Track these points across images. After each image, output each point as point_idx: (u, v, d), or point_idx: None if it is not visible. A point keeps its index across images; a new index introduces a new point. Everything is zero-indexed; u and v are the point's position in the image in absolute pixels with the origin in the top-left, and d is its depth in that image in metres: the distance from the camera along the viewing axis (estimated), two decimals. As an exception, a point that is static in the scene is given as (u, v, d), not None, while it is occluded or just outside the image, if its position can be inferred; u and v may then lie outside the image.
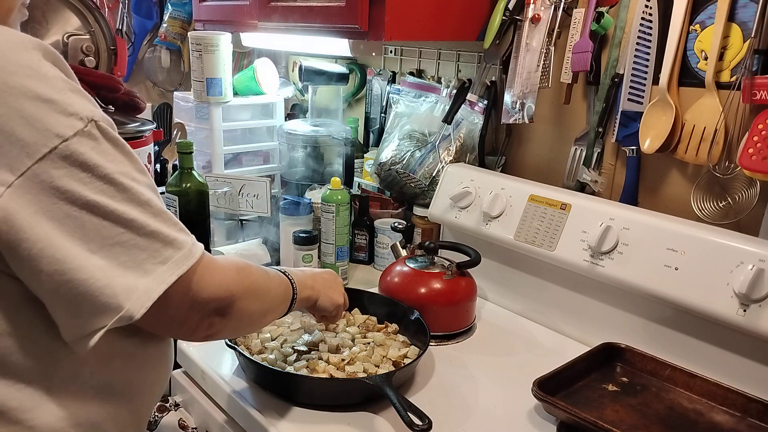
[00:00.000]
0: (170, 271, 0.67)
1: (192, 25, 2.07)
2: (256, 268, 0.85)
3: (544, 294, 1.32)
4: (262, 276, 0.85)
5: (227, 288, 0.75)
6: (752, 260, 0.99)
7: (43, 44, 0.65)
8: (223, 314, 0.75)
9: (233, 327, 0.80)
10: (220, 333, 0.78)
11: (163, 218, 0.69)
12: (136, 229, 0.66)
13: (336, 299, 1.06)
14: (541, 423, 1.00)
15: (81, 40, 1.58)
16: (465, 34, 1.40)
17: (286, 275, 0.95)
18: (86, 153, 0.63)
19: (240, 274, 0.78)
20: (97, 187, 0.64)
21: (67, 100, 0.63)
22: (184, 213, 1.43)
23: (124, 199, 0.65)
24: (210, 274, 0.73)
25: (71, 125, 0.62)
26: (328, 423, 0.98)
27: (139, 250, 0.66)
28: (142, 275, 0.66)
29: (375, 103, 1.85)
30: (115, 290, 0.64)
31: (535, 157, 1.49)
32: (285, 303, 0.93)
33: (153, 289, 0.66)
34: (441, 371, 1.14)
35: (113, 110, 1.37)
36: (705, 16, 1.14)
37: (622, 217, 1.16)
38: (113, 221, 0.65)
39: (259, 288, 0.83)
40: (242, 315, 0.78)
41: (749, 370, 1.03)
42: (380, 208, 1.66)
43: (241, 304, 0.77)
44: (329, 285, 1.06)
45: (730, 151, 1.11)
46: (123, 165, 0.67)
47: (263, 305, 0.85)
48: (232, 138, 1.84)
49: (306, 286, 0.99)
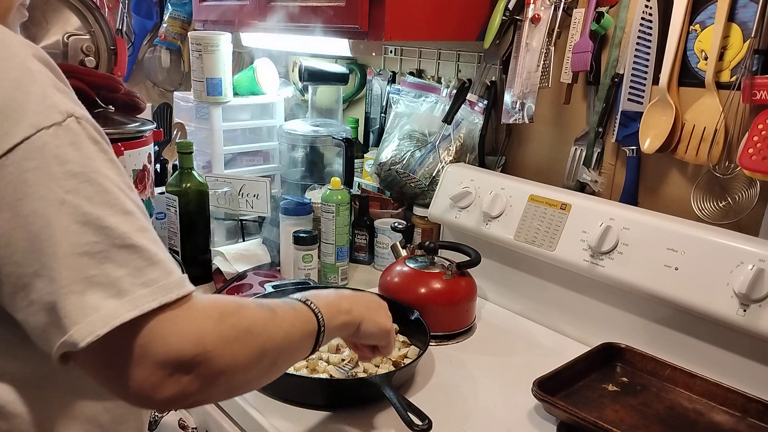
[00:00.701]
0: (151, 297, 0.56)
1: (192, 25, 2.07)
2: (254, 309, 0.67)
3: (544, 294, 1.32)
4: (262, 318, 0.68)
5: (199, 342, 0.58)
6: (752, 260, 0.99)
7: (36, 47, 0.62)
8: (197, 377, 0.58)
9: (223, 390, 0.63)
10: (205, 399, 0.62)
11: (150, 237, 0.59)
12: (113, 240, 0.56)
13: (383, 324, 0.89)
14: (541, 423, 1.00)
15: (81, 40, 1.58)
16: (465, 34, 1.40)
17: (308, 304, 0.77)
18: (62, 147, 0.57)
19: (223, 323, 0.61)
20: (70, 185, 0.56)
21: (47, 93, 0.58)
22: (184, 213, 1.43)
23: (102, 203, 0.57)
24: (177, 323, 0.58)
25: (48, 116, 0.57)
26: (328, 423, 0.98)
27: (115, 264, 0.56)
28: (112, 295, 0.55)
29: (375, 103, 1.85)
30: (67, 308, 0.54)
31: (535, 157, 1.49)
32: (308, 340, 0.75)
33: (115, 315, 0.54)
34: (441, 371, 1.14)
35: (113, 110, 1.37)
36: (705, 16, 1.14)
37: (622, 217, 1.16)
38: (84, 225, 0.56)
39: (256, 336, 0.65)
40: (231, 374, 0.62)
41: (749, 370, 1.03)
42: (380, 208, 1.66)
43: (223, 362, 0.60)
44: (372, 307, 0.89)
45: (730, 151, 1.11)
46: (105, 168, 0.59)
47: (266, 355, 0.67)
48: (232, 138, 1.84)
49: (340, 311, 0.82)
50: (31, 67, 0.59)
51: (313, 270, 1.42)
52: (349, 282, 1.52)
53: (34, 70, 0.59)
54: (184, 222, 1.44)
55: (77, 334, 0.54)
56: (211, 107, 1.73)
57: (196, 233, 1.46)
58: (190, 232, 1.45)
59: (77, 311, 0.54)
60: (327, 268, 1.49)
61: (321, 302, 0.78)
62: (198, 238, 1.46)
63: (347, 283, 1.50)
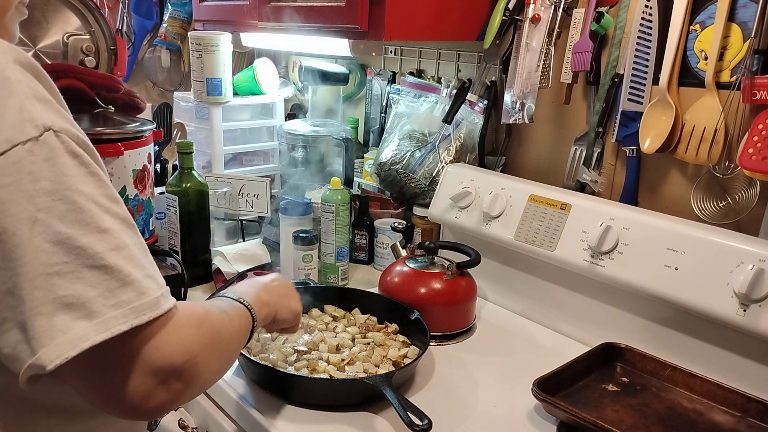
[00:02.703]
0: (123, 319, 0.56)
1: (192, 25, 2.07)
2: (216, 313, 0.72)
3: (544, 294, 1.32)
4: (224, 322, 0.73)
5: (187, 349, 0.61)
6: (752, 260, 0.99)
7: (19, 51, 0.60)
8: (181, 378, 0.61)
9: (196, 391, 0.67)
10: (181, 399, 0.63)
11: (126, 255, 0.58)
12: (84, 260, 0.55)
13: (295, 307, 0.97)
14: (541, 423, 1.00)
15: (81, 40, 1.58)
16: (465, 34, 1.40)
17: (243, 302, 0.82)
18: (36, 163, 0.55)
19: (201, 330, 0.65)
20: (43, 203, 0.55)
21: (25, 105, 0.56)
22: (184, 213, 1.43)
23: (75, 222, 0.55)
24: (169, 333, 0.60)
25: (24, 131, 0.55)
26: (328, 423, 0.98)
27: (86, 285, 0.55)
28: (83, 316, 0.54)
29: (375, 103, 1.85)
30: (35, 330, 0.54)
31: (535, 157, 1.49)
32: (246, 335, 0.81)
33: (84, 337, 0.54)
34: (441, 371, 1.14)
35: (113, 110, 1.37)
36: (705, 16, 1.14)
37: (622, 217, 1.16)
38: (55, 245, 0.54)
39: (222, 339, 0.70)
40: (205, 375, 0.65)
41: (749, 370, 1.03)
42: (380, 208, 1.66)
43: (204, 365, 0.64)
44: (284, 293, 0.96)
45: (730, 151, 1.11)
46: (83, 184, 0.57)
47: (226, 354, 0.72)
48: (232, 138, 1.84)
49: (263, 304, 0.87)
50: (10, 76, 0.57)
51: (313, 270, 1.42)
52: (349, 282, 1.52)
53: (13, 80, 0.57)
54: (184, 222, 1.44)
55: (44, 357, 0.53)
56: (211, 107, 1.73)
57: (196, 233, 1.46)
58: (190, 232, 1.45)
59: (45, 333, 0.54)
60: (327, 268, 1.49)
61: (249, 298, 0.83)
62: (198, 238, 1.46)
63: (347, 283, 1.50)
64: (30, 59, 0.60)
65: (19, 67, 0.58)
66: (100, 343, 0.55)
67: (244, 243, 1.58)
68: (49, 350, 0.53)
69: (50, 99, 0.59)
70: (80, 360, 0.54)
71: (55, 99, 0.60)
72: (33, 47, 1.52)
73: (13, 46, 0.60)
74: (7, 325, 0.55)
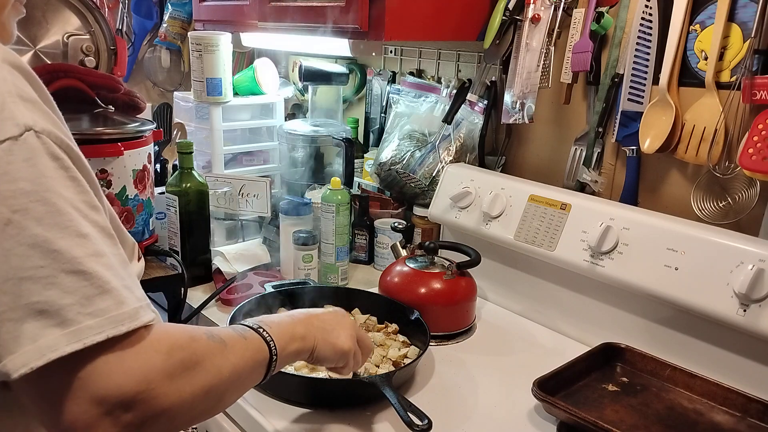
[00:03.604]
0: (98, 329, 0.52)
1: (192, 25, 2.07)
2: (205, 341, 0.63)
3: (544, 294, 1.32)
4: (211, 351, 0.64)
5: (143, 378, 0.55)
6: (752, 260, 0.99)
7: (6, 50, 0.58)
8: (131, 410, 0.54)
9: (161, 426, 0.57)
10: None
11: (105, 263, 0.55)
12: (61, 264, 0.52)
13: (340, 344, 0.86)
14: (541, 423, 1.00)
15: (81, 40, 1.58)
16: (465, 34, 1.40)
17: (260, 332, 0.73)
18: (14, 163, 0.53)
19: (170, 358, 0.58)
20: (19, 204, 0.52)
21: (7, 103, 0.54)
22: (184, 213, 1.43)
23: (53, 225, 0.53)
24: (126, 356, 0.54)
25: (3, 130, 0.53)
26: (328, 423, 0.98)
27: (61, 291, 0.52)
28: (55, 324, 0.51)
29: (375, 103, 1.85)
30: (2, 337, 0.51)
31: (535, 157, 1.49)
32: (257, 370, 0.72)
33: (53, 347, 0.51)
34: (441, 371, 1.14)
35: (113, 110, 1.37)
36: (705, 16, 1.14)
37: (622, 217, 1.16)
38: (30, 248, 0.52)
39: (204, 371, 0.61)
40: (173, 411, 0.57)
41: (749, 370, 1.03)
42: (380, 208, 1.66)
43: (166, 400, 0.56)
44: (329, 327, 0.86)
45: (730, 151, 1.11)
46: (63, 188, 0.55)
47: (212, 390, 0.62)
48: (232, 138, 1.84)
49: (294, 338, 0.79)
50: None
51: (313, 270, 1.42)
52: (349, 282, 1.52)
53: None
54: (184, 222, 1.44)
55: (10, 365, 0.51)
56: (211, 107, 1.73)
57: (196, 233, 1.46)
58: (190, 232, 1.45)
59: (12, 340, 0.51)
60: (327, 268, 1.48)
61: (274, 330, 0.75)
62: (198, 238, 1.46)
63: (347, 283, 1.50)
64: (20, 60, 0.59)
65: (7, 66, 0.57)
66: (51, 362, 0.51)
67: (244, 243, 1.58)
68: (15, 358, 0.51)
69: (36, 100, 0.57)
70: (36, 372, 0.51)
71: (44, 101, 0.59)
72: (33, 47, 1.52)
73: (2, 46, 0.59)
74: None
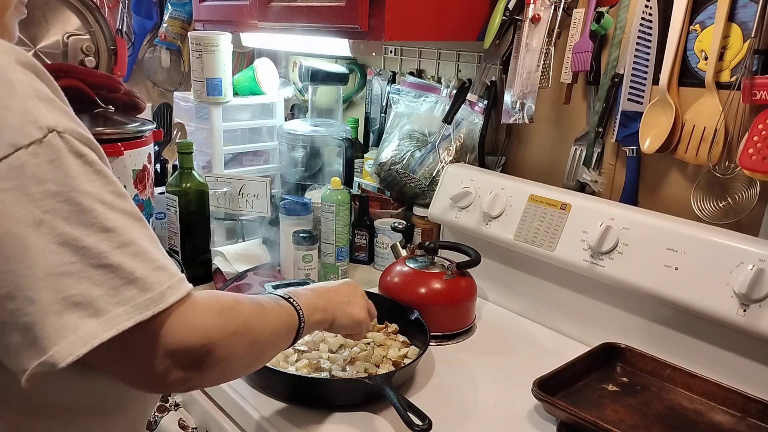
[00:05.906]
0: (126, 316, 0.57)
1: (192, 25, 2.07)
2: (248, 304, 0.73)
3: (544, 294, 1.32)
4: (255, 313, 0.74)
5: (204, 334, 0.64)
6: (752, 260, 0.99)
7: (19, 51, 0.59)
8: (199, 364, 0.64)
9: (218, 375, 0.68)
10: (202, 383, 0.67)
11: (132, 251, 0.59)
12: (90, 259, 0.56)
13: (355, 315, 0.96)
14: (541, 423, 1.00)
15: (81, 40, 1.58)
16: (465, 34, 1.40)
17: (291, 301, 0.83)
18: (40, 166, 0.55)
19: (224, 317, 0.67)
20: (48, 205, 0.55)
21: (28, 107, 0.56)
22: (184, 213, 1.43)
23: (80, 223, 0.57)
24: (186, 317, 0.62)
25: (27, 134, 0.55)
26: (328, 423, 0.98)
27: (92, 284, 0.56)
28: (90, 315, 0.56)
29: (375, 103, 1.85)
30: (46, 329, 0.55)
31: (535, 157, 1.49)
32: (289, 334, 0.82)
33: (93, 335, 0.56)
34: (441, 371, 1.14)
35: (113, 110, 1.37)
36: (705, 16, 1.14)
37: (622, 217, 1.16)
38: (61, 246, 0.56)
39: (249, 329, 0.71)
40: (227, 362, 0.67)
41: (749, 370, 1.03)
42: (380, 208, 1.66)
43: (223, 352, 0.66)
44: (345, 300, 0.96)
45: (730, 151, 1.11)
46: (89, 184, 0.58)
47: (256, 346, 0.73)
48: (232, 138, 1.84)
49: (317, 309, 0.89)
50: (12, 78, 0.57)
51: (313, 270, 1.42)
52: (349, 282, 1.52)
53: (15, 81, 0.57)
54: (184, 222, 1.44)
55: (57, 355, 0.55)
56: (211, 107, 1.73)
57: (196, 233, 1.46)
58: (190, 232, 1.45)
59: (56, 332, 0.55)
60: (327, 268, 1.49)
61: (301, 300, 0.85)
62: (198, 238, 1.46)
63: (347, 283, 1.50)
64: (31, 59, 0.60)
65: (20, 67, 0.58)
66: (114, 336, 0.56)
67: (244, 243, 1.58)
68: (61, 348, 0.55)
69: (53, 98, 0.59)
70: (100, 351, 0.56)
71: (58, 97, 0.60)
72: (33, 47, 1.53)
73: (13, 46, 0.60)
74: (6, 328, 0.56)
